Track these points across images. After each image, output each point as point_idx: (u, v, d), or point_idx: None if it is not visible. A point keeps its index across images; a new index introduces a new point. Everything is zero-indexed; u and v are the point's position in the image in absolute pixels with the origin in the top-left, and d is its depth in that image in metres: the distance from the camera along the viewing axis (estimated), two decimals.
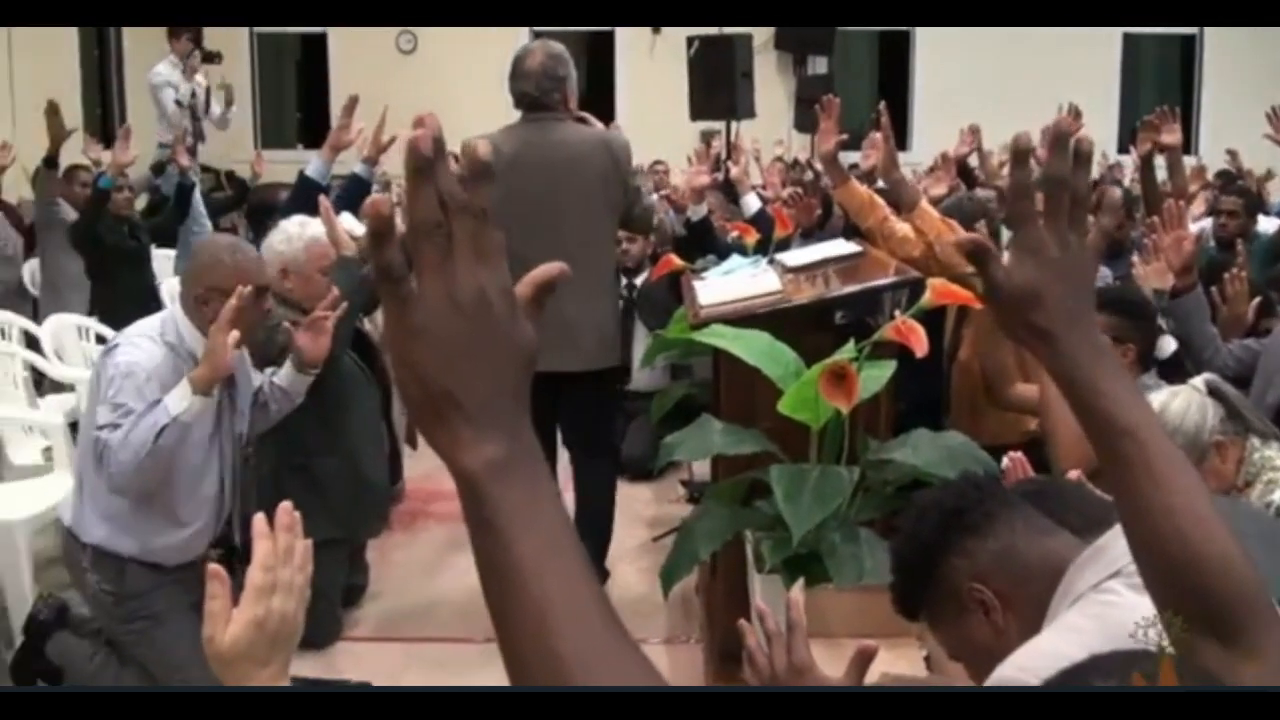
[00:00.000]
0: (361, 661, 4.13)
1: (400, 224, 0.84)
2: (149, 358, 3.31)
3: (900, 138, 4.62)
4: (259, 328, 3.63)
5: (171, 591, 3.52)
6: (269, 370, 3.87)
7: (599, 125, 4.70)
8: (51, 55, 10.83)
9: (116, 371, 3.29)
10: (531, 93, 4.39)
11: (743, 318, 3.40)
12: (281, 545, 1.47)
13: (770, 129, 10.92)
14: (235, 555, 3.71)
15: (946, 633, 1.81)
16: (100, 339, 5.99)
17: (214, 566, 1.43)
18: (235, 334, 3.22)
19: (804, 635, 1.69)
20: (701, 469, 5.08)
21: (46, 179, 6.71)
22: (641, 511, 5.62)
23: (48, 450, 5.16)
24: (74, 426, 5.06)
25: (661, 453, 3.34)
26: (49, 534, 4.99)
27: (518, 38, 12.49)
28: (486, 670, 3.90)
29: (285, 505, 1.49)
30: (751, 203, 6.42)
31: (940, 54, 12.69)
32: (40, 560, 4.64)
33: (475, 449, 0.84)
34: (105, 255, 6.32)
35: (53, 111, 6.63)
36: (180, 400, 3.16)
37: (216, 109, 8.70)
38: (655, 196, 5.77)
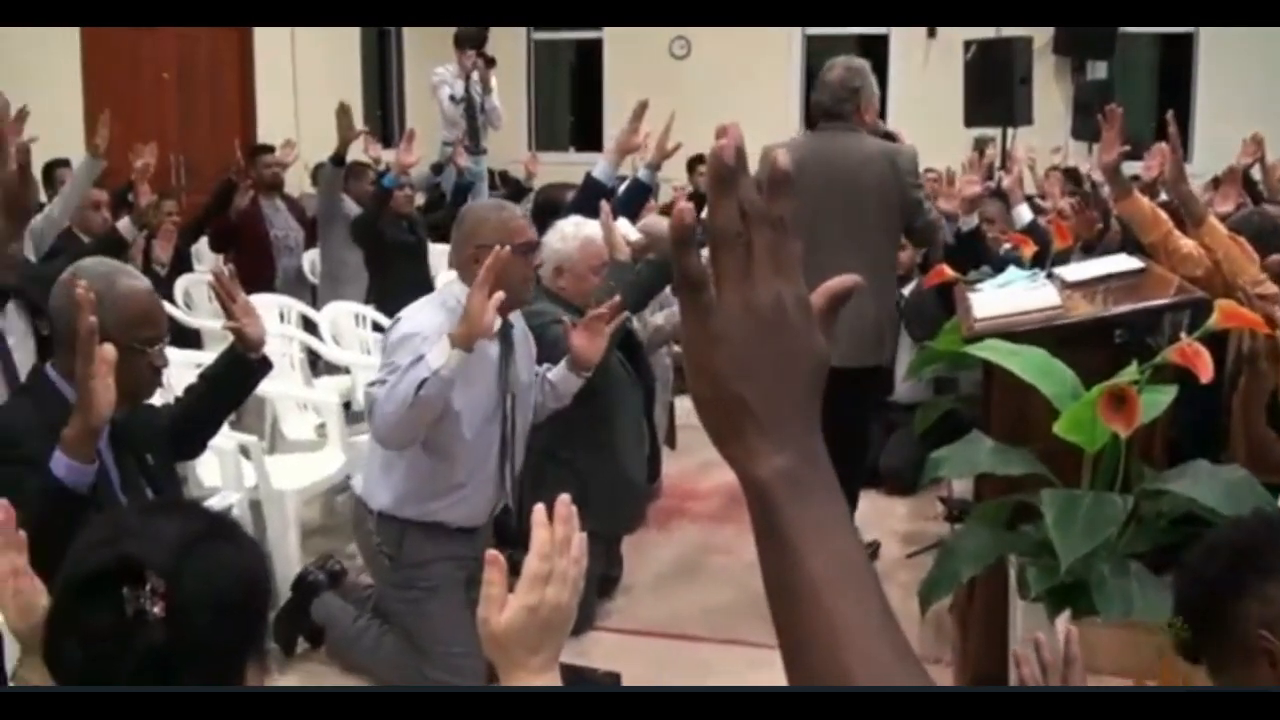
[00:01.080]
0: (610, 652, 4.18)
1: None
2: (428, 322, 3.43)
3: (1181, 146, 4.39)
4: (528, 284, 3.70)
5: (447, 567, 3.64)
6: (544, 365, 3.94)
7: (904, 140, 4.83)
8: (334, 57, 11.37)
9: (397, 337, 3.45)
10: (825, 103, 4.66)
11: (1017, 333, 3.30)
12: (559, 536, 1.49)
13: (1046, 136, 10.54)
14: (507, 537, 3.81)
15: (1226, 680, 1.70)
16: (376, 326, 6.27)
17: (492, 553, 1.46)
18: (499, 295, 3.25)
19: (1082, 670, 1.62)
20: (962, 486, 4.95)
21: (332, 176, 7.01)
22: (897, 526, 5.50)
23: (320, 427, 5.42)
24: (347, 406, 5.32)
25: (928, 467, 3.26)
26: (315, 505, 5.29)
27: (791, 41, 12.47)
28: (727, 671, 3.92)
29: (564, 498, 1.51)
30: (1023, 214, 6.24)
31: (1225, 57, 12.01)
32: (306, 529, 4.93)
33: (768, 459, 0.83)
34: (385, 248, 6.58)
35: (343, 113, 6.94)
36: (440, 355, 3.21)
37: (490, 102, 8.96)
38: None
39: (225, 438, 3.97)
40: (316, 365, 6.26)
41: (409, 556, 3.63)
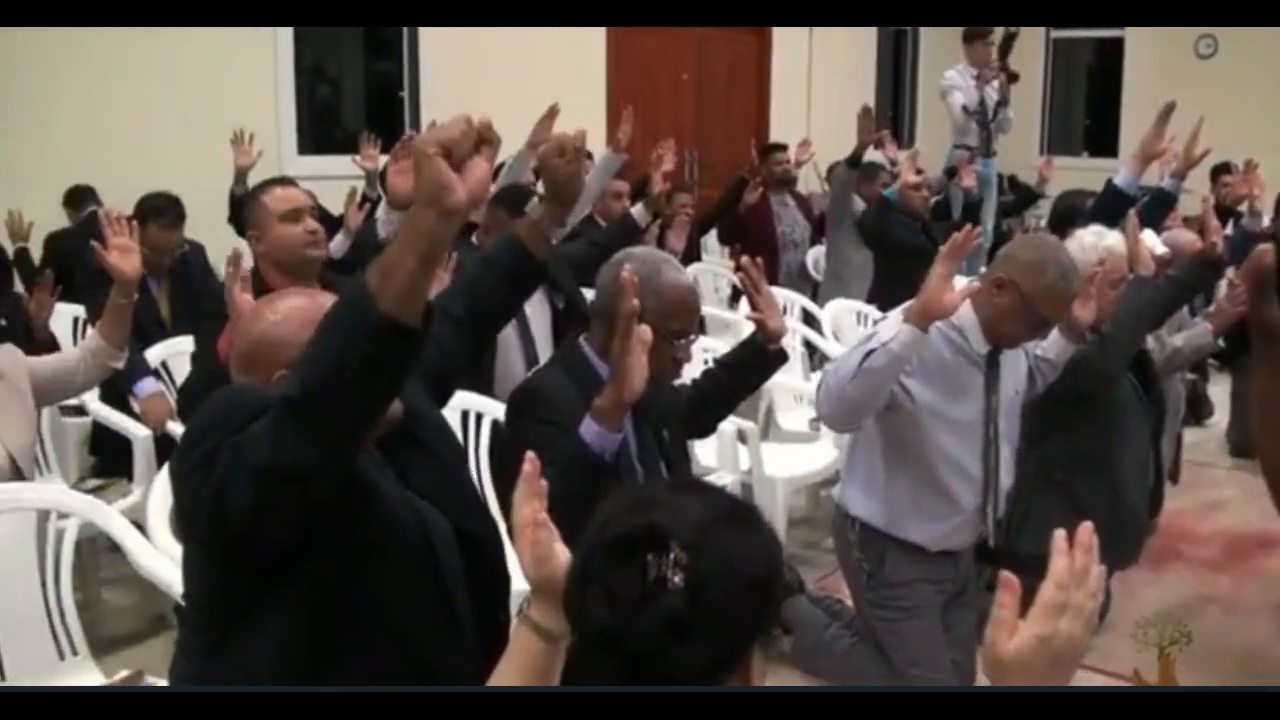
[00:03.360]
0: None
1: None
2: (894, 320, 3.21)
3: None
4: (1033, 333, 3.45)
5: (926, 590, 3.54)
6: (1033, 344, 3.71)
7: None
8: (849, 56, 11.55)
9: (864, 334, 3.34)
10: None
11: None
12: (1078, 565, 1.43)
13: None
14: (988, 556, 3.70)
15: None
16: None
17: (1006, 575, 1.42)
18: (971, 286, 3.12)
19: None
20: None
21: (846, 177, 7.08)
22: None
23: (815, 421, 5.51)
24: None
25: None
26: (802, 496, 5.45)
27: None
28: None
29: (1087, 525, 1.44)
30: None
31: None
32: (792, 519, 5.09)
33: None
34: (890, 248, 6.56)
35: (865, 115, 7.02)
36: (891, 328, 3.06)
37: (1005, 115, 8.76)
38: None
39: (726, 422, 4.09)
40: (813, 359, 6.36)
41: (889, 575, 3.54)
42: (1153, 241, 4.29)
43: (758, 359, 3.18)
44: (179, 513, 1.97)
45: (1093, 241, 4.05)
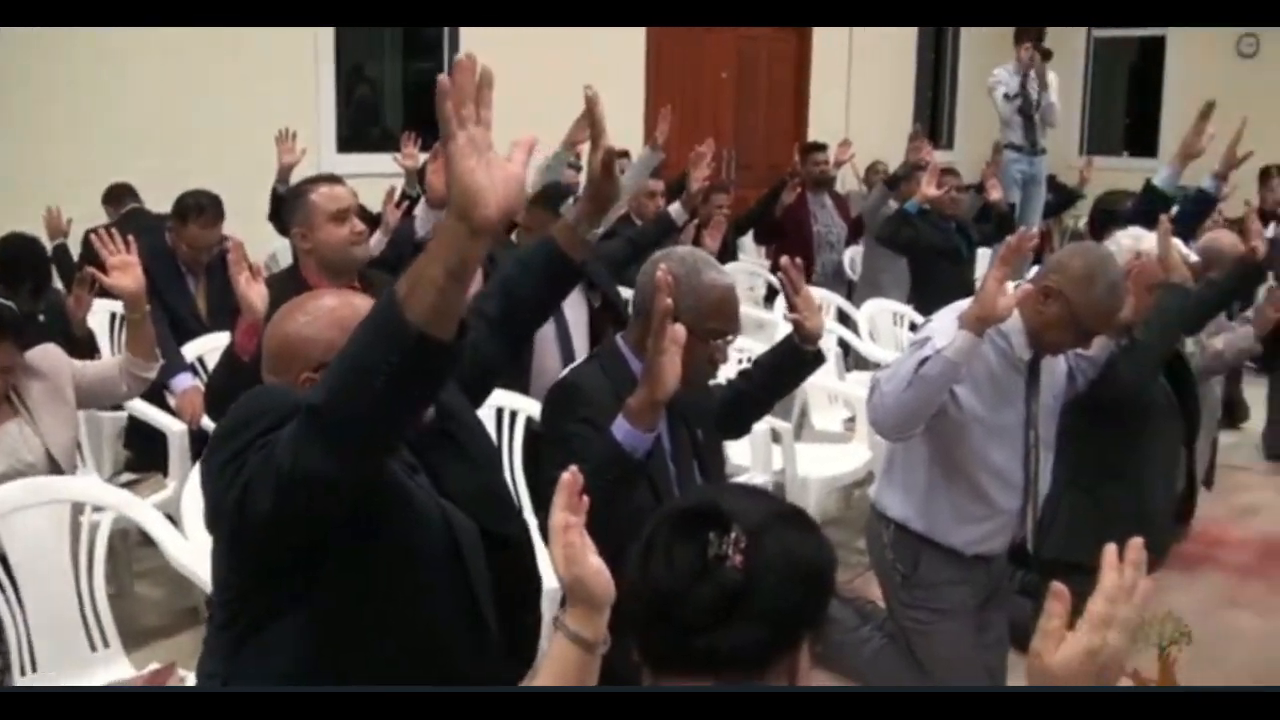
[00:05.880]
0: None
1: None
2: (943, 323, 3.21)
3: None
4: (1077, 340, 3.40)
5: (961, 592, 3.51)
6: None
7: None
8: (889, 55, 11.56)
9: (915, 337, 3.32)
10: None
11: None
12: (1126, 580, 1.44)
13: None
14: (1021, 560, 3.67)
15: None
16: (913, 326, 6.25)
17: (1058, 586, 1.41)
18: (1014, 295, 3.09)
19: None
20: None
21: (882, 194, 7.09)
22: None
23: (849, 421, 5.50)
24: None
25: None
26: (834, 496, 5.42)
27: None
28: None
29: (1136, 542, 1.44)
30: None
31: None
32: (823, 520, 4.99)
33: None
34: (922, 253, 6.51)
35: (915, 137, 7.10)
36: (945, 335, 3.05)
37: (1046, 99, 8.70)
38: None
39: (759, 421, 4.09)
40: (848, 359, 6.34)
41: (923, 576, 3.51)
42: (1184, 250, 4.25)
43: (795, 359, 3.16)
44: (208, 510, 1.97)
45: (1129, 244, 4.00)
